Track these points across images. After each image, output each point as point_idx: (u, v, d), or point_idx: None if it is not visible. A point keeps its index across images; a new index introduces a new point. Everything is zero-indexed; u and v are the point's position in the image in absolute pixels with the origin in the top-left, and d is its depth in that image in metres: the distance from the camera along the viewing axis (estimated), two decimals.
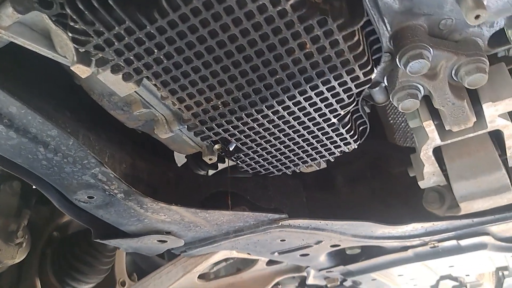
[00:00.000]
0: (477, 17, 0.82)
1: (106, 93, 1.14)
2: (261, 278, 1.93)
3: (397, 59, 0.96)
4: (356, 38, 0.85)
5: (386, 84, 1.10)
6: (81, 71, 0.94)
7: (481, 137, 1.18)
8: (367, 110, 1.26)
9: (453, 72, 0.99)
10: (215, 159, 1.28)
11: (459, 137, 1.15)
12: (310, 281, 1.99)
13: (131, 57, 0.89)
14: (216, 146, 1.23)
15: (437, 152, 1.26)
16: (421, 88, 1.03)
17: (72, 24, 0.84)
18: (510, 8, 0.85)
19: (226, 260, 1.98)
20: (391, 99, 1.06)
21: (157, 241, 1.45)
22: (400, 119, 1.94)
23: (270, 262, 1.92)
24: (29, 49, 0.94)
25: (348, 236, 1.54)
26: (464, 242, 1.63)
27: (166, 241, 1.46)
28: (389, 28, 0.97)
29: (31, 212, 1.85)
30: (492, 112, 1.06)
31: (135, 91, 1.09)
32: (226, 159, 1.24)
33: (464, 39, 0.99)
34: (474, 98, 1.06)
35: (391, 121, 1.96)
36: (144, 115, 1.19)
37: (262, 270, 1.94)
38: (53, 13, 0.86)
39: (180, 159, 1.59)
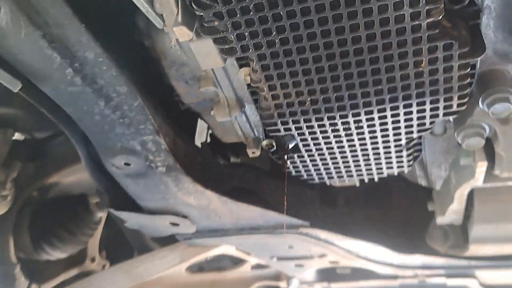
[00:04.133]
0: None
1: (178, 62, 1.09)
2: (243, 281, 1.90)
3: (480, 99, 1.00)
4: (468, 70, 0.87)
5: (452, 119, 1.14)
6: (182, 34, 0.89)
7: None
8: None
9: None
10: (258, 153, 1.26)
11: (500, 183, 1.21)
12: None
13: (246, 33, 0.86)
14: (265, 142, 1.21)
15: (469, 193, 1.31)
16: (487, 129, 1.08)
17: None
18: None
19: None
20: (455, 134, 1.10)
21: (170, 223, 1.39)
22: None
23: (256, 266, 1.90)
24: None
25: (352, 255, 1.56)
26: (451, 282, 1.71)
27: (179, 225, 1.40)
28: (477, 67, 1.01)
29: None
30: None
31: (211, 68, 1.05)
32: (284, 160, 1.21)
33: None
34: None
35: None
36: (207, 93, 1.15)
37: (246, 273, 1.91)
38: None
39: None
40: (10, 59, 0.94)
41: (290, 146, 1.13)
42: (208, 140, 1.51)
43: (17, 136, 1.84)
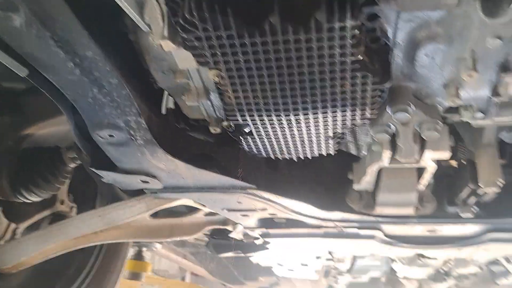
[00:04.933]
0: (452, 101, 1.23)
1: (159, 57, 1.32)
2: (196, 225, 2.25)
3: (387, 107, 1.34)
4: (380, 92, 1.20)
5: None
6: (167, 45, 1.14)
7: (411, 168, 1.65)
8: None
9: (417, 124, 1.41)
10: (218, 130, 1.55)
11: (399, 165, 1.60)
12: (233, 234, 2.38)
13: (218, 52, 1.12)
14: (225, 123, 1.50)
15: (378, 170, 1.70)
16: (393, 128, 1.44)
17: (186, 14, 1.04)
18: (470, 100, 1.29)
19: None
20: (370, 129, 1.45)
21: (141, 180, 1.68)
22: None
23: (208, 214, 2.25)
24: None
25: (288, 210, 1.94)
26: (362, 232, 2.15)
27: (148, 182, 1.69)
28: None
29: None
30: (429, 156, 1.52)
31: None
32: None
33: (432, 104, 1.41)
34: (422, 144, 1.51)
35: None
36: (180, 83, 1.40)
37: (199, 218, 2.26)
38: None
39: None
40: (20, 51, 1.15)
41: (245, 130, 1.43)
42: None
43: None
